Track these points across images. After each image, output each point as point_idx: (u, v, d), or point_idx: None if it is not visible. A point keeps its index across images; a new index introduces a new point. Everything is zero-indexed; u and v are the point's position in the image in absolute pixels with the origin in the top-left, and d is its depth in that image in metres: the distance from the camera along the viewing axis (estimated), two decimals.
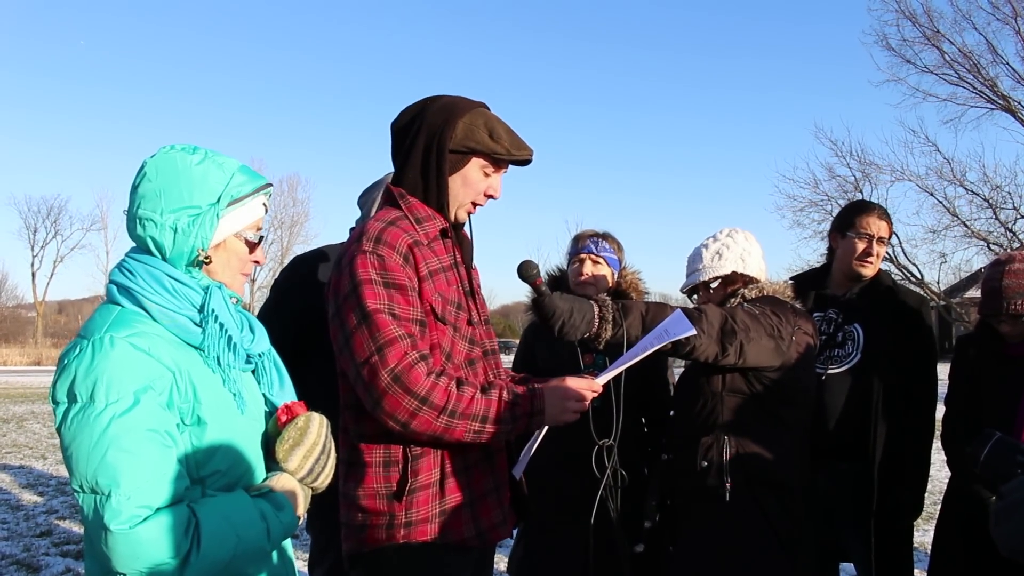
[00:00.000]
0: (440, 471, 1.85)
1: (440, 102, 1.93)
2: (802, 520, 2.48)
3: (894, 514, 2.85)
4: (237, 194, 1.55)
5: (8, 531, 5.69)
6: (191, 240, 1.51)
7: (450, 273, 1.94)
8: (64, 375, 1.39)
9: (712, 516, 2.42)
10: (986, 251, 16.46)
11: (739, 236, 2.66)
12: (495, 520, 1.94)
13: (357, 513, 1.87)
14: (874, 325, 2.95)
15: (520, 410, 1.81)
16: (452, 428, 1.75)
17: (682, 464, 2.51)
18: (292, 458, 1.55)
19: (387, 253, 1.80)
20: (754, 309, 2.39)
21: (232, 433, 1.52)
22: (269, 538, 1.46)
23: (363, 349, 1.73)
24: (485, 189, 1.97)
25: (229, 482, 1.50)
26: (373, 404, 1.74)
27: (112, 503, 1.31)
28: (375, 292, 1.76)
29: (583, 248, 3.08)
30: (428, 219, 1.92)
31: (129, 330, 1.42)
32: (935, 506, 5.06)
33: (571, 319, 2.05)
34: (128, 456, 1.34)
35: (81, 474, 1.34)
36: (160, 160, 1.53)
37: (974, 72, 15.87)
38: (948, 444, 2.80)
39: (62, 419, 1.38)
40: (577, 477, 2.60)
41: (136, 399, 1.37)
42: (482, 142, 1.90)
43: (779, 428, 2.46)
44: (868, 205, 3.13)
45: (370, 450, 1.86)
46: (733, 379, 2.43)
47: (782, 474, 2.44)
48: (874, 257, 2.98)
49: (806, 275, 3.33)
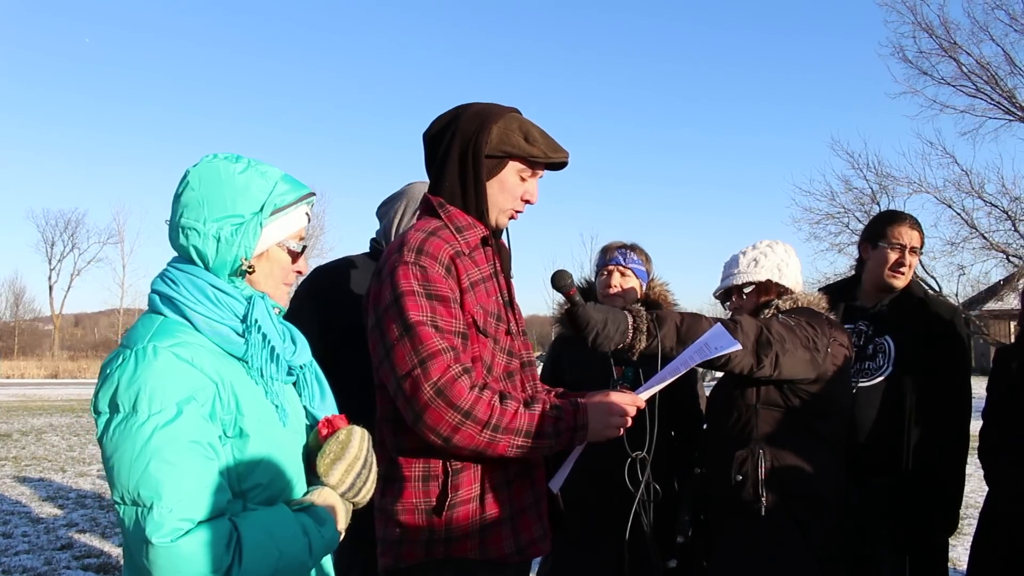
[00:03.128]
0: (480, 486, 1.82)
1: (473, 108, 1.91)
2: (838, 535, 2.44)
3: (928, 530, 2.80)
4: (280, 203, 1.53)
5: (29, 544, 5.69)
6: (234, 249, 1.49)
7: (490, 283, 1.93)
8: (107, 385, 1.38)
9: (747, 531, 2.38)
10: (1005, 263, 16.31)
11: (779, 247, 2.64)
12: (535, 535, 1.91)
13: (395, 528, 1.84)
14: (905, 337, 2.90)
15: (564, 425, 1.78)
16: (495, 443, 1.72)
17: (716, 478, 2.48)
18: (334, 472, 1.52)
19: (429, 264, 1.78)
20: (789, 320, 2.36)
21: (274, 446, 1.49)
22: (311, 553, 1.43)
23: (405, 362, 1.71)
24: (522, 194, 1.95)
25: (271, 495, 1.48)
26: (415, 418, 1.71)
27: (154, 515, 1.29)
28: (418, 304, 1.74)
29: (611, 260, 3.06)
30: (469, 228, 1.90)
31: (172, 340, 1.41)
32: (967, 520, 5.01)
33: (605, 329, 2.03)
34: (171, 468, 1.31)
35: (123, 485, 1.32)
36: (203, 169, 1.52)
37: (992, 84, 15.76)
38: (987, 459, 2.75)
39: (104, 429, 1.36)
40: (609, 491, 2.56)
41: (179, 410, 1.35)
42: (518, 145, 1.88)
43: (815, 442, 2.43)
44: (899, 215, 3.08)
45: (409, 464, 1.83)
46: (768, 392, 2.40)
47: (818, 488, 2.40)
48: (906, 268, 2.94)
49: (835, 286, 3.29)
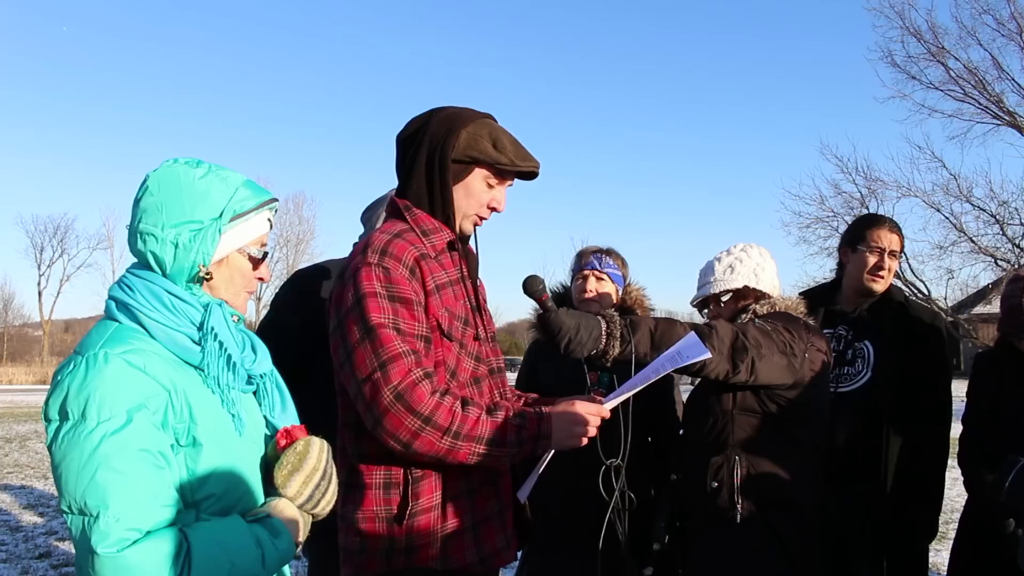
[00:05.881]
0: (442, 494, 1.79)
1: (444, 112, 1.89)
2: (815, 542, 2.41)
3: (908, 536, 2.78)
4: (240, 209, 1.51)
5: (7, 553, 5.62)
6: (192, 256, 1.47)
7: (457, 287, 1.90)
8: (57, 392, 1.35)
9: (723, 538, 2.36)
10: (993, 267, 16.36)
11: (753, 251, 2.62)
12: (498, 545, 1.88)
13: (356, 537, 1.81)
14: (885, 342, 2.89)
15: (526, 433, 1.76)
16: (456, 450, 1.70)
17: (692, 485, 2.45)
18: (291, 484, 1.50)
19: (393, 266, 1.75)
20: (766, 325, 2.34)
21: (229, 456, 1.46)
22: (264, 565, 1.40)
23: (365, 365, 1.68)
24: (488, 201, 1.92)
25: (225, 506, 1.44)
26: (374, 423, 1.68)
27: (100, 525, 1.26)
28: (380, 306, 1.71)
29: (587, 264, 3.03)
30: (435, 231, 1.87)
31: (124, 346, 1.38)
32: (947, 525, 5.01)
33: (578, 335, 2.00)
34: (119, 476, 1.29)
35: (70, 494, 1.29)
36: (163, 174, 1.49)
37: (979, 88, 15.83)
38: (967, 464, 2.73)
39: (53, 437, 1.33)
40: (583, 499, 2.53)
41: (129, 417, 1.32)
42: (485, 152, 1.86)
43: (792, 448, 2.41)
44: (879, 218, 3.08)
45: (370, 471, 1.80)
46: (744, 398, 2.38)
47: (795, 495, 2.38)
48: (886, 271, 2.93)
49: (815, 291, 3.27)
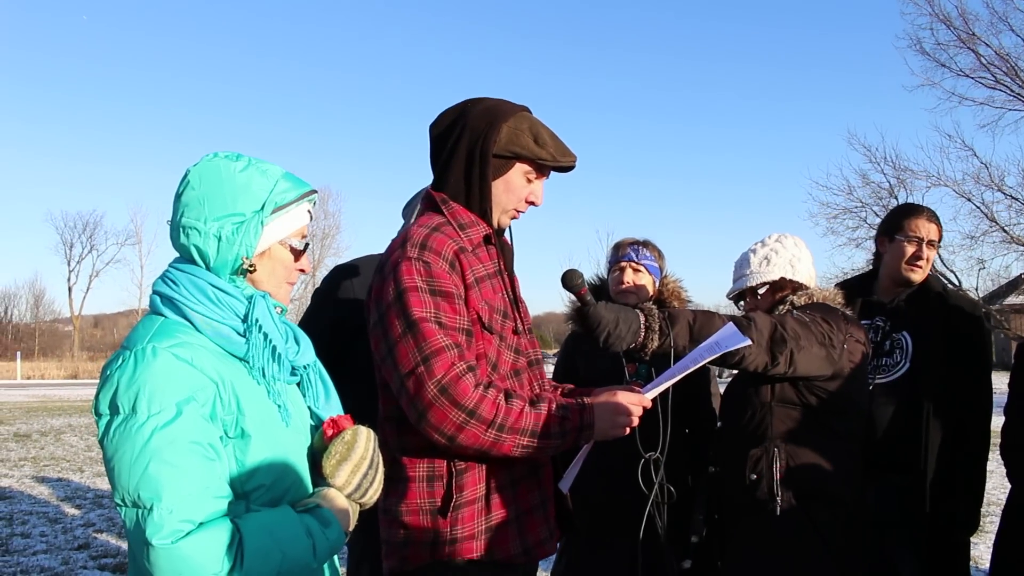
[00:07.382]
0: (486, 486, 1.80)
1: (483, 105, 1.88)
2: (855, 534, 2.39)
3: (948, 528, 2.75)
4: (281, 201, 1.52)
5: (47, 544, 5.73)
6: (235, 248, 1.47)
7: (495, 280, 1.90)
8: (106, 386, 1.37)
9: (762, 530, 2.34)
10: None
11: (788, 241, 2.59)
12: (541, 536, 1.88)
13: (399, 530, 1.81)
14: (923, 332, 2.86)
15: (569, 424, 1.75)
16: (500, 442, 1.70)
17: (730, 477, 2.44)
18: (339, 473, 1.50)
19: (433, 259, 1.75)
20: (804, 316, 2.31)
21: (277, 447, 1.48)
22: (315, 555, 1.42)
23: (408, 359, 1.68)
24: (527, 196, 1.92)
25: (274, 497, 1.46)
26: (418, 416, 1.69)
27: (154, 517, 1.28)
28: (421, 300, 1.71)
29: (623, 256, 3.02)
30: (471, 225, 1.87)
31: (172, 340, 1.39)
32: (989, 519, 4.93)
33: (616, 329, 1.99)
34: (171, 469, 1.30)
35: (123, 487, 1.31)
36: (203, 168, 1.50)
37: (1011, 75, 15.54)
38: (1010, 455, 2.68)
39: (104, 431, 1.35)
40: (622, 491, 2.53)
41: (179, 410, 1.34)
42: (527, 147, 1.85)
43: (831, 439, 2.38)
44: (917, 207, 3.03)
45: (413, 464, 1.81)
46: (783, 389, 2.36)
47: (834, 487, 2.36)
48: (924, 261, 2.90)
49: (852, 281, 3.23)
